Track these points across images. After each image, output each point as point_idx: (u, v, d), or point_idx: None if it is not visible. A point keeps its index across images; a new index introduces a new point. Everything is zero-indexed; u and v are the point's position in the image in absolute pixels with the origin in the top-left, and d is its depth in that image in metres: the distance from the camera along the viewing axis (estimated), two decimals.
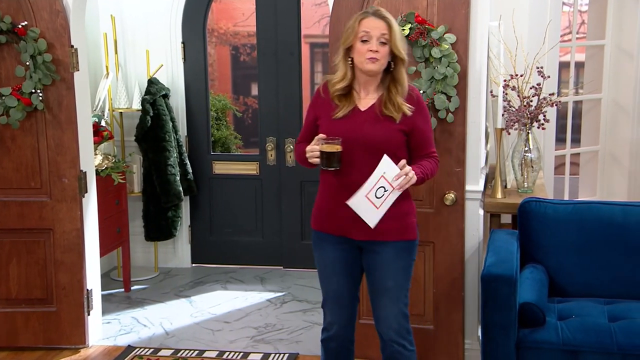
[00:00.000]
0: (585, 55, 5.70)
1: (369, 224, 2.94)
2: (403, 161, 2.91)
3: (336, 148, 2.92)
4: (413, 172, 2.92)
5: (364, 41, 2.93)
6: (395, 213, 3.00)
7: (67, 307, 4.33)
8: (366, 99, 3.05)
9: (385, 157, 2.89)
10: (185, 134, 5.76)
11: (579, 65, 5.89)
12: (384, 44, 2.93)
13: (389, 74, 3.02)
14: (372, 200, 2.91)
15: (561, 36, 5.48)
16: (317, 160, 2.97)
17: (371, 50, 2.91)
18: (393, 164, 2.90)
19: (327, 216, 3.11)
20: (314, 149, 2.97)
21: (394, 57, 2.98)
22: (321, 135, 2.96)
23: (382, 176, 2.89)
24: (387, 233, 3.03)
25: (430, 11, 3.72)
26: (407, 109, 2.98)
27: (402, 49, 2.98)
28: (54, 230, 4.27)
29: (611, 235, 3.69)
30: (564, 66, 5.60)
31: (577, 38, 6.00)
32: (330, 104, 3.06)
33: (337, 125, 3.00)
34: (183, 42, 5.66)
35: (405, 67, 3.03)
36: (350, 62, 3.00)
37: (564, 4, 5.89)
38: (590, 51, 5.62)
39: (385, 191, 2.91)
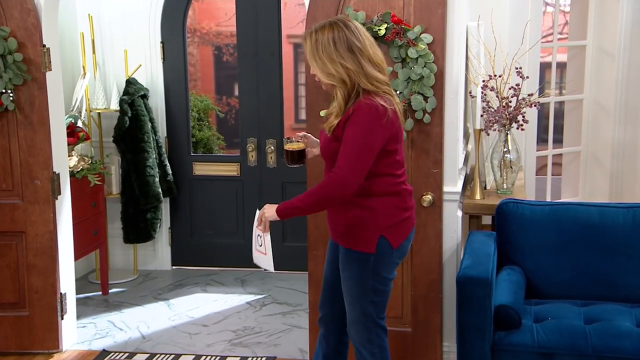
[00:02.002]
0: (567, 56, 5.69)
1: (270, 270, 3.13)
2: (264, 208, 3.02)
3: (294, 147, 3.05)
4: (268, 208, 2.98)
5: None
6: (342, 225, 3.02)
7: (40, 311, 4.29)
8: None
9: (256, 211, 3.08)
10: (165, 135, 5.73)
11: (562, 66, 5.87)
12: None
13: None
14: (260, 251, 3.11)
15: (544, 37, 5.46)
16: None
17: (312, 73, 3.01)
18: (258, 211, 3.06)
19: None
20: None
21: None
22: (300, 134, 3.20)
23: (256, 227, 3.09)
24: (338, 236, 3.07)
25: (407, 11, 3.68)
26: (327, 126, 2.94)
27: (319, 68, 2.89)
28: (26, 233, 4.23)
29: (588, 237, 3.68)
30: (546, 67, 5.59)
31: (560, 39, 5.99)
32: None
33: (320, 134, 3.14)
34: (162, 42, 5.63)
35: (345, 89, 2.88)
36: None
37: (547, 4, 5.88)
38: (572, 52, 5.62)
39: (260, 237, 3.07)
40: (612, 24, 5.29)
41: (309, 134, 3.32)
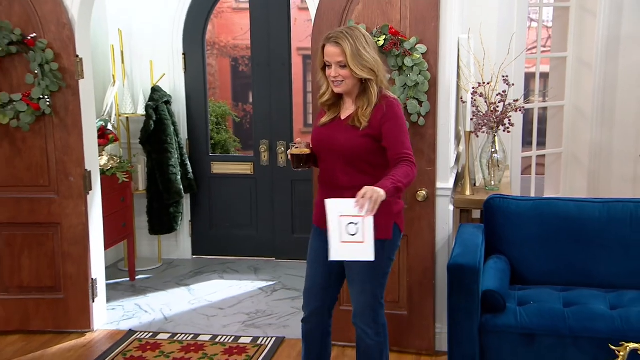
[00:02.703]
0: (550, 66, 5.68)
1: (369, 259, 2.71)
2: (361, 190, 2.69)
3: (302, 151, 2.91)
4: (372, 190, 2.67)
5: (328, 65, 2.90)
6: None
7: (74, 295, 4.32)
8: (347, 109, 3.00)
9: (327, 201, 2.72)
10: (186, 137, 5.73)
11: (545, 76, 5.85)
12: (343, 66, 2.85)
13: (363, 87, 2.94)
14: (350, 241, 2.69)
15: (529, 49, 5.44)
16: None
17: (332, 76, 2.89)
18: (339, 200, 2.71)
19: (318, 212, 3.07)
20: (290, 152, 3.01)
21: None
22: (298, 140, 2.98)
23: (340, 217, 2.68)
24: None
25: (403, 24, 3.68)
26: (365, 120, 2.87)
27: (363, 69, 2.84)
28: (62, 225, 4.25)
29: (567, 229, 3.66)
30: (531, 76, 5.57)
31: (544, 51, 5.96)
32: (323, 112, 3.08)
33: (320, 132, 3.03)
34: (184, 54, 5.63)
35: (377, 82, 2.90)
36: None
37: (531, 20, 5.86)
38: (554, 62, 5.61)
39: (356, 224, 2.68)
40: (590, 37, 5.28)
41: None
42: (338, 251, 2.73)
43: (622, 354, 2.55)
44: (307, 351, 3.26)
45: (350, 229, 2.68)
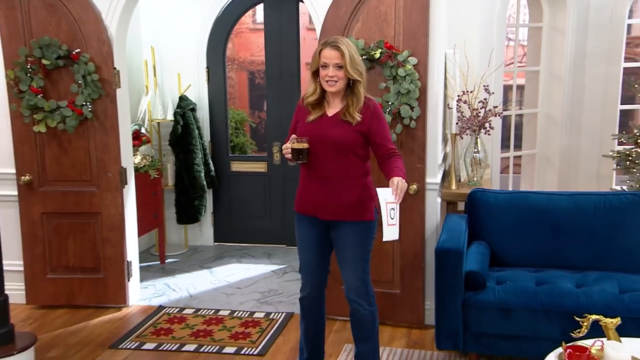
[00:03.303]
0: (525, 79, 5.67)
1: (395, 238, 2.77)
2: (392, 180, 2.75)
3: (303, 145, 2.89)
4: (400, 179, 2.74)
5: (324, 67, 2.87)
6: (353, 201, 2.95)
7: (112, 275, 4.33)
8: (333, 108, 2.98)
9: (379, 190, 2.74)
10: (209, 140, 5.73)
11: (521, 87, 5.84)
12: (340, 67, 2.85)
13: (349, 88, 2.94)
14: (391, 223, 2.74)
15: (507, 64, 5.43)
16: (290, 156, 2.92)
17: (329, 76, 2.86)
18: (384, 189, 2.73)
19: (304, 201, 3.06)
20: (287, 146, 2.93)
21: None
22: (293, 136, 2.94)
23: (386, 203, 2.72)
24: (347, 215, 2.96)
25: (397, 39, 3.69)
26: (358, 116, 2.89)
27: (355, 71, 2.86)
28: (101, 214, 4.27)
29: (539, 218, 3.65)
30: (508, 88, 5.57)
31: (519, 66, 5.95)
32: (306, 112, 3.03)
33: (309, 128, 2.96)
34: (207, 67, 5.63)
35: (362, 84, 2.91)
36: (318, 81, 2.95)
37: (509, 39, 5.85)
38: (529, 75, 5.60)
39: (394, 210, 2.73)
40: (560, 54, 5.29)
41: None
42: (387, 233, 2.74)
43: (585, 324, 2.54)
44: (306, 324, 3.25)
45: (391, 213, 2.73)
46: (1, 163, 4.26)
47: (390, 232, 2.75)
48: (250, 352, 3.68)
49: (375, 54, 3.62)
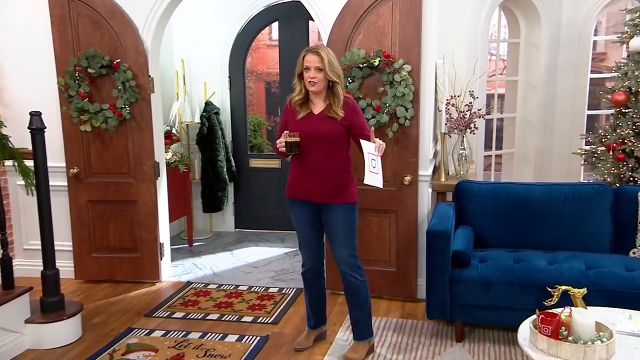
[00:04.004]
0: (505, 88, 5.65)
1: (379, 186, 2.83)
2: (376, 140, 2.82)
3: (295, 139, 2.91)
4: (380, 142, 2.83)
5: (306, 70, 2.90)
6: (338, 185, 2.97)
7: (147, 254, 4.34)
8: (318, 106, 2.99)
9: (363, 141, 2.81)
10: (231, 140, 5.72)
11: (502, 96, 5.82)
12: (320, 70, 2.87)
13: (330, 89, 2.95)
14: (373, 171, 2.81)
15: (490, 75, 5.41)
16: (284, 149, 2.93)
17: (310, 77, 2.88)
18: (369, 143, 2.82)
19: (295, 187, 3.07)
20: (281, 141, 2.95)
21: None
22: (286, 132, 2.94)
23: (369, 153, 2.80)
24: (335, 197, 2.98)
25: (394, 49, 3.68)
26: (341, 112, 2.92)
27: (333, 74, 2.88)
28: (138, 202, 4.28)
29: (517, 205, 3.63)
30: (491, 96, 5.54)
31: (501, 77, 5.93)
32: (293, 111, 3.03)
33: (299, 124, 2.97)
34: (229, 77, 5.63)
35: (340, 84, 2.93)
36: (303, 83, 2.97)
37: (491, 54, 5.82)
38: (508, 85, 5.58)
39: (375, 161, 2.81)
40: (535, 66, 5.27)
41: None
42: (368, 177, 2.79)
43: (556, 294, 2.53)
44: (310, 295, 3.27)
45: (372, 163, 2.80)
46: (53, 158, 4.26)
47: (371, 177, 2.79)
48: (265, 321, 3.68)
49: (375, 62, 3.61)
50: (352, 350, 3.16)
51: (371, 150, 2.81)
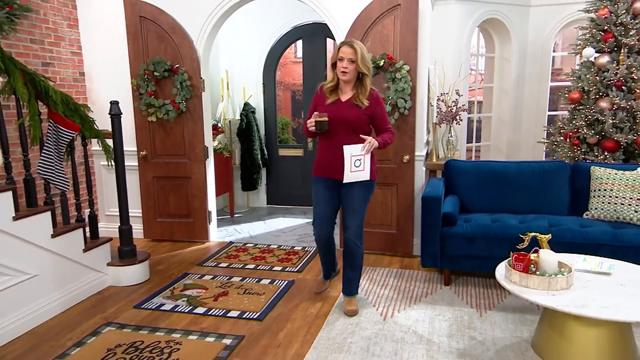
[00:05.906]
0: (483, 94, 5.59)
1: (366, 178, 2.73)
2: (367, 138, 2.69)
3: (324, 118, 2.74)
4: (373, 139, 2.69)
5: (340, 60, 2.71)
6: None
7: (198, 220, 4.36)
8: (346, 94, 2.80)
9: (345, 147, 2.68)
10: (264, 133, 5.73)
11: (480, 102, 5.76)
12: (352, 62, 2.69)
13: (359, 80, 2.78)
14: (356, 170, 2.69)
15: (470, 85, 5.37)
16: (314, 128, 2.75)
17: (343, 67, 2.71)
18: (353, 146, 2.67)
19: (322, 166, 2.86)
20: (311, 121, 2.76)
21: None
22: (316, 113, 2.77)
23: (351, 156, 2.66)
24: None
25: (395, 53, 3.67)
26: (366, 102, 2.74)
27: (364, 66, 2.69)
28: (191, 178, 4.29)
29: (495, 179, 3.60)
30: (472, 102, 5.49)
31: (479, 87, 5.87)
32: (324, 97, 2.84)
33: (327, 109, 2.79)
34: (263, 84, 5.65)
35: (369, 77, 2.73)
36: (335, 72, 2.80)
37: (472, 69, 5.78)
38: (485, 91, 5.51)
39: (359, 160, 2.69)
40: (507, 75, 5.21)
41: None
42: (348, 177, 2.71)
43: (526, 239, 2.50)
44: (323, 254, 3.13)
45: (356, 163, 2.68)
46: (128, 143, 4.33)
47: (351, 176, 2.69)
48: (292, 270, 3.69)
49: (380, 63, 3.62)
50: (349, 304, 2.97)
51: (355, 152, 2.65)
